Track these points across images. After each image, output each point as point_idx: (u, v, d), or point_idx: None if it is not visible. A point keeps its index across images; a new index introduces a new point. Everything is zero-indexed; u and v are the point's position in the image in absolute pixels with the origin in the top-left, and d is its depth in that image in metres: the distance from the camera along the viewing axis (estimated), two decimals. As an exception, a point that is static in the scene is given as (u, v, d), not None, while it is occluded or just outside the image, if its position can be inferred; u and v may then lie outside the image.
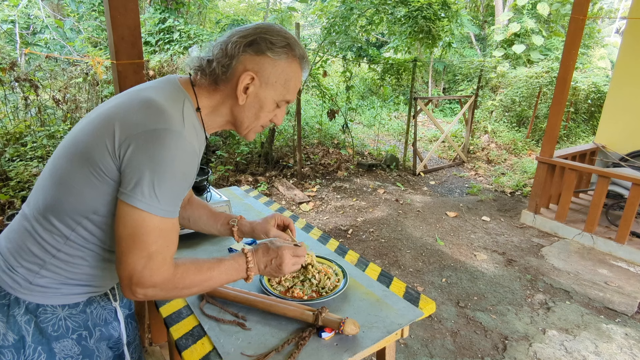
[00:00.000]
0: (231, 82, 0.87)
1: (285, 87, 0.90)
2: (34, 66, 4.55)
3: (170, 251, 0.82)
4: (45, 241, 0.83)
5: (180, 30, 6.81)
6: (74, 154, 0.81)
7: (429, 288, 2.92)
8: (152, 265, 0.78)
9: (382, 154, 6.46)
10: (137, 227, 0.76)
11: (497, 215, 4.45)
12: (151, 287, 0.79)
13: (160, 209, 0.77)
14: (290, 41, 0.88)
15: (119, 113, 0.80)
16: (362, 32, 6.11)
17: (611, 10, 12.71)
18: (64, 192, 0.81)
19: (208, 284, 0.88)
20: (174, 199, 0.80)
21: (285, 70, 0.88)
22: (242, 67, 0.86)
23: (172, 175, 0.77)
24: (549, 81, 7.96)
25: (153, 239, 0.77)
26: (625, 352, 2.29)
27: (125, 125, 0.77)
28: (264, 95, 0.89)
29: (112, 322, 0.98)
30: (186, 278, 0.84)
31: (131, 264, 0.77)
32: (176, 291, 0.84)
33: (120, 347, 1.01)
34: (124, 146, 0.76)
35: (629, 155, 4.12)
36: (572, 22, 3.59)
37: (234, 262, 0.94)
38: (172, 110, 0.80)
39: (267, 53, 0.85)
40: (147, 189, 0.75)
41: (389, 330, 1.08)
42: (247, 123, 0.93)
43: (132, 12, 1.83)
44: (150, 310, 1.89)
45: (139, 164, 0.75)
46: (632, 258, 3.37)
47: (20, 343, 0.84)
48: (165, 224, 0.79)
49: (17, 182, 3.43)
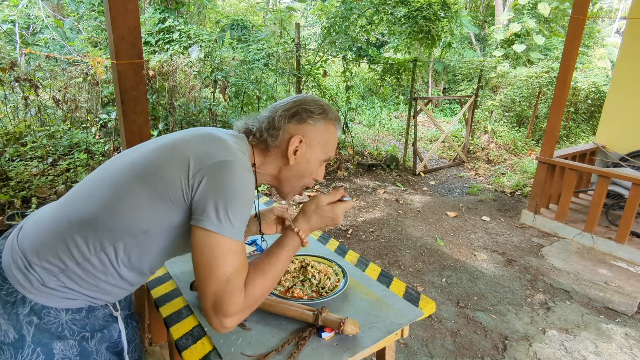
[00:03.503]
0: (281, 147, 1.00)
1: (326, 146, 1.04)
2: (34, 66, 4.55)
3: (245, 271, 0.86)
4: (77, 248, 0.84)
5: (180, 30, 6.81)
6: (143, 174, 0.86)
7: (429, 288, 2.92)
8: (231, 288, 0.81)
9: (382, 154, 6.46)
10: (213, 250, 0.81)
11: (497, 215, 4.45)
12: (237, 314, 0.82)
13: (233, 231, 0.82)
14: (325, 108, 1.02)
15: (191, 146, 0.88)
16: (362, 32, 6.10)
17: (611, 10, 12.72)
18: (120, 207, 0.84)
19: (277, 280, 0.92)
20: (243, 223, 0.85)
21: (325, 133, 1.02)
22: (288, 135, 0.99)
23: (241, 201, 0.83)
24: (549, 81, 7.95)
25: (229, 261, 0.82)
26: (625, 352, 2.29)
27: (199, 157, 0.85)
28: (310, 156, 1.02)
29: (112, 324, 0.98)
30: (257, 286, 0.87)
31: (214, 289, 0.80)
32: (255, 302, 0.87)
33: (119, 348, 1.01)
34: (198, 177, 0.83)
35: (629, 155, 4.12)
36: (572, 22, 3.59)
37: (290, 246, 0.96)
38: (237, 149, 0.91)
39: (309, 121, 1.00)
40: (222, 213, 0.81)
41: (389, 330, 1.08)
42: (292, 182, 1.05)
43: (132, 12, 1.83)
44: (150, 310, 1.89)
45: (212, 191, 0.82)
46: (632, 258, 3.37)
47: (19, 342, 0.84)
48: (238, 246, 0.84)
49: (17, 182, 3.43)
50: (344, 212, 1.04)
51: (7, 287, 0.85)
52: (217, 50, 6.01)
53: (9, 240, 0.91)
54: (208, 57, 5.51)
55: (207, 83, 5.43)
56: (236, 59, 5.50)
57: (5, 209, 3.23)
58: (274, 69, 5.51)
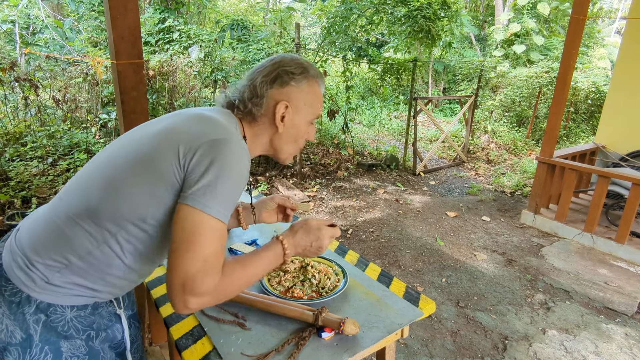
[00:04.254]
0: (267, 116, 0.98)
1: (313, 106, 1.02)
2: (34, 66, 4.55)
3: (223, 255, 0.84)
4: (78, 242, 0.83)
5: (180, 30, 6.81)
6: (133, 162, 0.84)
7: (429, 288, 2.92)
8: (206, 269, 0.78)
9: (382, 154, 6.46)
10: (195, 227, 0.78)
11: (497, 215, 4.45)
12: (204, 295, 0.79)
13: (218, 210, 0.80)
14: (305, 66, 0.99)
15: (181, 128, 0.87)
16: (362, 32, 6.11)
17: (611, 10, 12.72)
18: (117, 197, 0.83)
19: (253, 279, 0.91)
20: (230, 204, 0.83)
21: (309, 93, 1.00)
22: (272, 102, 0.96)
23: (231, 179, 0.81)
24: (549, 81, 7.96)
25: (209, 240, 0.79)
26: (625, 352, 2.29)
27: (189, 138, 0.83)
28: (298, 120, 1.00)
29: (115, 324, 0.98)
30: (235, 280, 0.85)
31: (185, 267, 0.77)
32: (227, 293, 0.85)
33: (122, 348, 1.01)
34: (189, 156, 0.81)
35: (629, 155, 4.12)
36: (572, 22, 3.59)
37: (273, 252, 0.96)
38: (229, 126, 0.90)
39: (291, 83, 0.97)
40: (209, 191, 0.79)
41: (389, 330, 1.08)
42: (286, 148, 1.03)
43: (132, 12, 1.83)
44: (150, 310, 1.89)
45: (201, 169, 0.80)
46: (632, 258, 3.37)
47: (27, 342, 0.84)
48: (220, 226, 0.81)
49: (17, 182, 3.43)
50: (329, 238, 1.03)
51: (11, 287, 0.84)
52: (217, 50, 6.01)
53: (8, 242, 0.91)
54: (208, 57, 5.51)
55: (207, 83, 5.43)
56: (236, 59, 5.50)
57: (5, 209, 3.23)
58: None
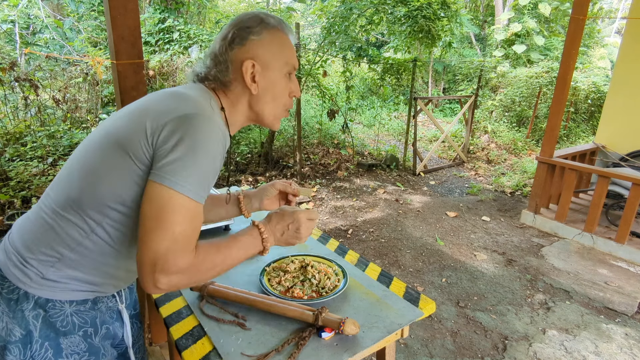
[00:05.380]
0: (238, 80, 0.92)
1: (283, 56, 0.94)
2: (33, 66, 4.55)
3: (195, 236, 0.80)
4: (67, 234, 0.83)
5: (180, 30, 6.81)
6: (106, 145, 0.83)
7: (429, 288, 2.92)
8: (176, 248, 0.75)
9: (382, 154, 6.46)
10: (163, 204, 0.75)
11: (497, 215, 4.45)
12: (175, 274, 0.76)
13: (189, 189, 0.76)
14: (262, 17, 0.92)
15: (150, 106, 0.83)
16: (362, 32, 6.10)
17: (611, 10, 12.72)
18: (94, 182, 0.82)
19: (228, 262, 0.87)
20: (202, 182, 0.79)
21: (274, 43, 0.92)
22: (238, 63, 0.90)
23: (202, 156, 0.77)
24: (549, 81, 7.96)
25: (179, 219, 0.76)
26: (625, 352, 2.29)
27: (158, 114, 0.80)
28: (271, 75, 0.93)
29: (116, 321, 0.98)
30: (208, 260, 0.82)
31: (155, 246, 0.74)
32: (199, 275, 0.81)
33: (123, 347, 1.01)
34: (157, 132, 0.78)
35: (629, 155, 4.12)
36: (572, 22, 3.59)
37: (249, 236, 0.92)
38: (202, 100, 0.85)
39: (251, 37, 0.90)
40: (177, 167, 0.76)
41: (389, 330, 1.08)
42: (269, 110, 0.96)
43: (132, 12, 1.83)
44: (150, 310, 1.89)
45: (170, 145, 0.77)
46: (632, 258, 3.37)
47: (27, 338, 0.84)
48: (192, 205, 0.78)
49: (17, 182, 3.43)
50: (307, 220, 0.97)
51: (8, 285, 0.85)
52: (217, 50, 5.99)
53: (2, 242, 0.91)
54: (208, 57, 5.49)
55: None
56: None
57: (5, 209, 3.23)
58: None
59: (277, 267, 1.35)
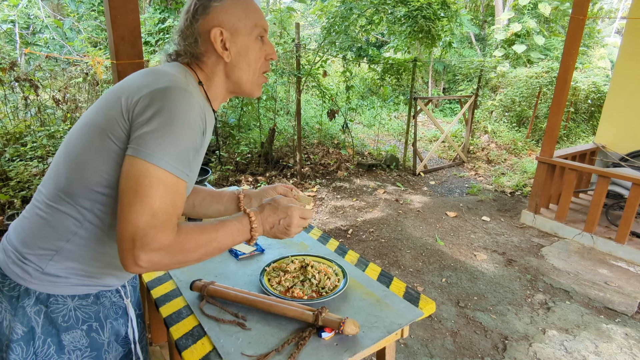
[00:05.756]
0: (209, 50, 0.91)
1: (250, 18, 0.92)
2: (33, 66, 4.55)
3: (176, 213, 0.78)
4: (61, 226, 0.83)
5: (180, 30, 6.81)
6: (86, 131, 0.83)
7: (429, 288, 2.92)
8: (156, 224, 0.73)
9: (382, 154, 6.46)
10: (140, 177, 0.73)
11: (497, 215, 4.45)
12: (156, 252, 0.74)
13: (166, 161, 0.75)
14: None
15: (125, 85, 0.84)
16: (362, 32, 6.10)
17: (611, 10, 12.73)
18: (80, 169, 0.81)
19: (213, 245, 0.84)
20: (180, 155, 0.77)
21: (238, 7, 0.91)
22: (206, 33, 0.89)
23: (178, 127, 0.76)
24: (549, 81, 7.96)
25: (157, 193, 0.74)
26: (625, 352, 2.29)
27: (132, 91, 0.80)
28: (241, 40, 0.91)
29: (121, 318, 0.97)
30: (191, 239, 0.80)
31: (133, 220, 0.72)
32: (182, 255, 0.79)
33: (128, 345, 1.01)
34: (132, 107, 0.78)
35: (629, 155, 4.12)
36: (572, 22, 3.59)
37: (238, 222, 0.89)
38: (177, 74, 0.85)
39: (213, 4, 0.89)
40: (152, 140, 0.74)
41: (389, 330, 1.08)
42: (246, 77, 0.95)
43: (132, 12, 1.83)
44: (150, 310, 1.89)
45: (145, 118, 0.76)
46: (632, 258, 3.37)
47: (29, 335, 0.84)
48: (171, 180, 0.76)
49: (17, 182, 3.42)
50: (299, 218, 0.94)
51: (8, 282, 0.85)
52: (217, 50, 5.99)
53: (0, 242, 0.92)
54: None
55: (207, 83, 5.42)
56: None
57: (5, 209, 3.23)
58: (274, 69, 5.51)
59: (277, 267, 1.36)
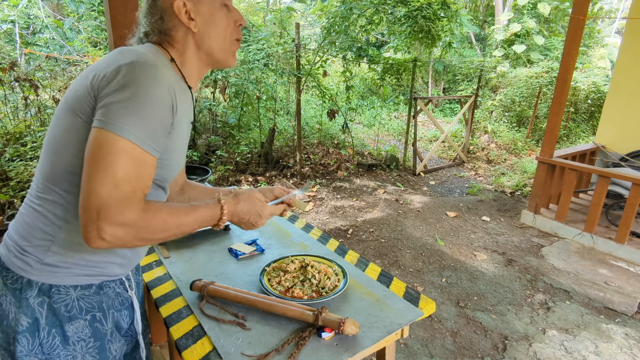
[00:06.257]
0: (176, 24, 0.91)
1: None
2: (33, 66, 4.55)
3: (142, 186, 0.77)
4: (52, 214, 0.84)
5: (180, 30, 6.81)
6: (60, 115, 0.84)
7: (429, 288, 2.92)
8: (119, 196, 0.71)
9: (382, 154, 6.46)
10: (102, 147, 0.72)
11: (497, 215, 4.45)
12: (121, 226, 0.72)
13: (129, 131, 0.73)
14: None
15: (94, 66, 0.83)
16: (362, 32, 6.11)
17: (611, 10, 12.73)
18: (57, 154, 0.83)
19: (181, 229, 0.84)
20: (146, 127, 0.76)
21: None
22: (170, 9, 0.89)
23: (143, 99, 0.75)
24: (549, 81, 7.96)
25: (120, 163, 0.72)
26: (625, 352, 2.29)
27: (100, 68, 0.80)
28: (205, 9, 0.91)
29: (125, 309, 0.97)
30: (159, 218, 0.79)
31: (96, 189, 0.70)
32: (148, 233, 0.78)
33: (131, 337, 1.01)
34: (97, 83, 0.78)
35: (629, 155, 4.12)
36: (572, 22, 3.59)
37: (210, 210, 0.90)
38: (147, 52, 0.84)
39: None
40: (115, 111, 0.73)
41: (389, 330, 1.08)
42: (217, 45, 0.94)
43: (132, 12, 1.83)
44: (150, 310, 1.89)
45: (109, 91, 0.75)
46: (632, 258, 3.37)
47: (34, 326, 0.85)
48: (135, 151, 0.74)
49: (17, 182, 3.42)
50: (268, 217, 1.00)
51: (11, 275, 0.86)
52: (217, 50, 5.99)
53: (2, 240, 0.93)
54: (208, 57, 5.50)
55: (207, 83, 5.43)
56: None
57: (5, 209, 3.23)
58: (274, 69, 5.51)
59: (277, 267, 1.35)
